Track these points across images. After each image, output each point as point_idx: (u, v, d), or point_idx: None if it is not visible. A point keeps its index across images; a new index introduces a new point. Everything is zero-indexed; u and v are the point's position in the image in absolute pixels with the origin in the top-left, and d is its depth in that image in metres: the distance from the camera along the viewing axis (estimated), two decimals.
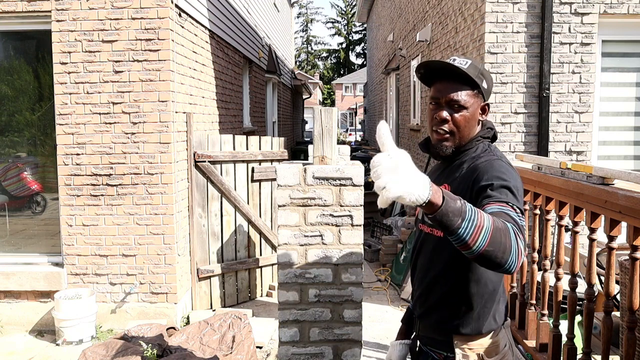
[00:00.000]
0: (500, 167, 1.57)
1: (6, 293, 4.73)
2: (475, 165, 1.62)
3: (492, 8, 4.48)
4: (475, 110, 1.70)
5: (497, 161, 1.60)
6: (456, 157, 1.72)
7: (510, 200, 1.44)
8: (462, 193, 1.56)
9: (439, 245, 1.68)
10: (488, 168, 1.57)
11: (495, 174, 1.53)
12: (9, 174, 5.01)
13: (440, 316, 1.69)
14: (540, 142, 4.51)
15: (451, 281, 1.66)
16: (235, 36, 7.48)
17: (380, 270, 6.48)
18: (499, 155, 1.66)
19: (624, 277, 2.81)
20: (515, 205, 1.43)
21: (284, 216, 2.39)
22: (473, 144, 1.71)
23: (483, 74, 1.70)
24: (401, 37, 10.17)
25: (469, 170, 1.63)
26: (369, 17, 19.38)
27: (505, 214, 1.37)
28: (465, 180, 1.62)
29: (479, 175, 1.57)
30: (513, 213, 1.39)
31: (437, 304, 1.70)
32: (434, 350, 1.73)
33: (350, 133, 37.88)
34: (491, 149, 1.70)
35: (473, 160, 1.66)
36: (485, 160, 1.61)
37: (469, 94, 1.67)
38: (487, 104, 1.74)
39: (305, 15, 57.70)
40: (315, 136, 2.44)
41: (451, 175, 1.70)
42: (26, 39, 4.91)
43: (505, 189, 1.48)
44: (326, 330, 2.43)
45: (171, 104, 4.56)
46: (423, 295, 1.77)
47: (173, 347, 3.74)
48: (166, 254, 4.64)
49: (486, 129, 1.75)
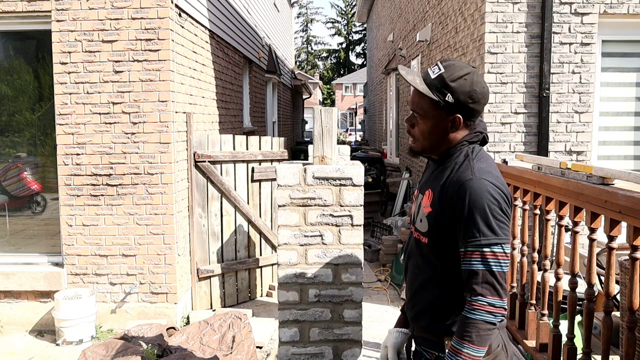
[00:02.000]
0: (472, 190, 1.55)
1: (6, 293, 4.73)
2: (452, 183, 1.61)
3: (492, 8, 4.48)
4: (437, 123, 1.67)
5: (469, 182, 1.56)
6: (445, 160, 1.71)
7: (480, 237, 1.53)
8: (442, 211, 1.63)
9: (426, 251, 1.70)
10: (460, 196, 1.57)
11: (465, 204, 1.55)
12: (9, 174, 5.01)
13: (429, 320, 1.72)
14: (540, 142, 4.51)
15: (439, 287, 1.69)
16: (235, 36, 7.48)
17: (380, 270, 6.48)
18: (475, 167, 1.60)
19: (624, 277, 2.81)
20: (485, 244, 1.53)
21: (284, 216, 2.39)
22: (457, 148, 1.69)
23: (449, 87, 1.61)
24: (401, 37, 10.17)
25: (448, 185, 1.62)
26: (369, 17, 19.38)
27: (474, 273, 1.54)
28: (443, 198, 1.63)
29: (454, 205, 1.59)
30: (479, 264, 1.53)
31: (425, 309, 1.73)
32: (427, 350, 1.75)
33: (350, 133, 37.87)
34: (472, 155, 1.65)
35: (452, 171, 1.65)
36: (459, 179, 1.59)
37: (430, 107, 1.66)
38: (458, 117, 1.65)
39: (305, 15, 57.71)
40: (315, 136, 2.44)
41: (436, 181, 1.70)
42: (26, 39, 4.91)
43: (474, 221, 1.54)
44: (326, 330, 2.43)
45: (171, 104, 4.56)
46: (413, 299, 1.80)
47: (173, 347, 3.74)
48: (166, 254, 4.64)
49: (474, 132, 1.70)
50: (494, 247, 1.53)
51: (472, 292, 1.54)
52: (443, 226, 1.63)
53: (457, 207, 1.57)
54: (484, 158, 1.66)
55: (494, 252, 1.53)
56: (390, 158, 12.20)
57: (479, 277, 1.53)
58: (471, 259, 1.54)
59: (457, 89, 1.62)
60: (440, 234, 1.65)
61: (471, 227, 1.54)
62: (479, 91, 1.63)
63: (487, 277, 1.52)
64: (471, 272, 1.54)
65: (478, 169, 1.59)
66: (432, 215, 1.66)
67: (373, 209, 9.63)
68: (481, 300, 1.52)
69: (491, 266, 1.52)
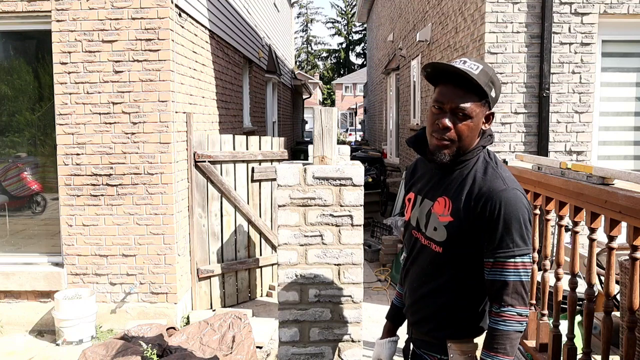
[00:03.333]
0: (507, 201, 1.53)
1: (6, 293, 4.73)
2: (484, 193, 1.57)
3: (492, 8, 4.48)
4: (479, 120, 1.62)
5: (503, 193, 1.54)
6: (455, 166, 1.66)
7: (514, 248, 1.53)
8: (469, 221, 1.59)
9: (438, 260, 1.68)
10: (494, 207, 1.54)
11: (500, 215, 1.53)
12: (9, 174, 5.01)
13: (434, 325, 1.72)
14: (540, 142, 4.51)
15: (449, 294, 1.68)
16: (235, 36, 7.48)
17: (380, 270, 6.48)
18: (505, 177, 1.59)
19: (624, 277, 2.80)
20: (518, 254, 1.54)
21: (284, 216, 2.39)
22: (474, 153, 1.65)
23: (493, 82, 1.61)
24: (401, 37, 10.17)
25: (478, 195, 1.58)
26: (369, 17, 19.38)
27: (505, 284, 1.54)
28: (471, 209, 1.59)
29: (487, 216, 1.55)
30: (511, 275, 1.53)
31: (432, 315, 1.72)
32: (428, 353, 1.75)
33: (350, 133, 37.86)
34: (494, 162, 1.65)
35: (476, 180, 1.61)
36: (492, 190, 1.56)
37: (475, 104, 1.58)
38: (492, 113, 1.66)
39: (305, 15, 57.72)
40: (315, 136, 2.44)
41: (452, 189, 1.65)
42: (26, 39, 4.91)
43: (509, 232, 1.54)
44: (326, 330, 2.43)
45: (171, 104, 4.56)
46: (416, 305, 1.78)
47: (173, 347, 3.74)
48: (166, 254, 4.64)
49: (487, 136, 1.68)
50: (524, 257, 1.54)
51: (502, 303, 1.53)
52: (466, 237, 1.60)
53: (490, 218, 1.54)
54: (503, 165, 1.67)
55: (524, 263, 1.54)
56: (390, 158, 12.21)
57: (510, 288, 1.53)
58: (503, 269, 1.54)
59: (497, 84, 1.63)
60: (461, 244, 1.62)
61: (505, 238, 1.53)
62: (500, 86, 1.67)
63: (518, 288, 1.53)
64: (502, 283, 1.54)
65: (508, 179, 1.58)
66: (455, 225, 1.61)
67: (373, 209, 9.63)
68: (511, 311, 1.52)
69: (521, 276, 1.53)
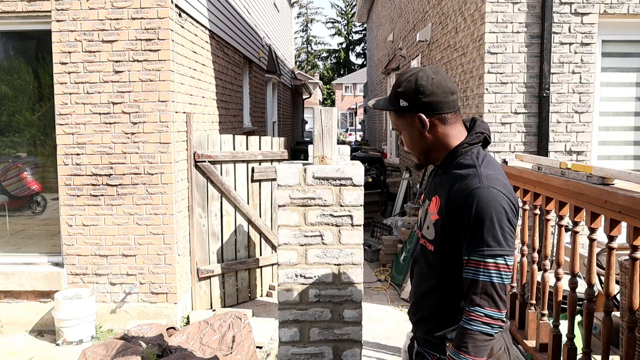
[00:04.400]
0: (479, 199, 1.53)
1: (6, 293, 4.73)
2: (460, 190, 1.59)
3: (492, 8, 4.48)
4: (411, 130, 1.70)
5: (476, 191, 1.54)
6: (448, 164, 1.69)
7: (484, 247, 1.52)
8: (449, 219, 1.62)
9: (432, 259, 1.70)
10: (467, 204, 1.55)
11: (472, 213, 1.54)
12: (9, 174, 5.01)
13: (432, 325, 1.73)
14: (540, 142, 4.51)
15: (443, 295, 1.69)
16: (235, 36, 7.48)
17: (380, 270, 6.48)
18: (482, 174, 1.58)
19: (624, 277, 2.81)
20: (488, 254, 1.52)
21: (284, 216, 2.39)
22: (459, 152, 1.66)
23: (400, 92, 1.65)
24: (401, 37, 10.17)
25: (455, 192, 1.60)
26: (369, 17, 19.38)
27: (474, 283, 1.53)
28: (450, 206, 1.61)
29: (461, 214, 1.57)
30: (480, 274, 1.52)
31: (429, 315, 1.74)
32: (429, 351, 1.76)
33: (350, 133, 37.87)
34: (478, 161, 1.62)
35: (458, 178, 1.62)
36: (467, 187, 1.57)
37: (396, 118, 1.73)
38: (420, 116, 1.65)
39: (305, 15, 57.71)
40: (315, 136, 2.44)
41: (442, 188, 1.68)
42: (26, 39, 4.91)
43: (480, 230, 1.52)
44: (326, 330, 2.43)
45: (171, 104, 4.56)
46: (416, 304, 1.81)
47: (173, 347, 3.74)
48: (166, 254, 4.64)
49: (475, 134, 1.67)
50: (497, 258, 1.52)
51: (470, 302, 1.54)
52: (449, 234, 1.62)
53: (464, 216, 1.55)
54: (491, 164, 1.63)
55: (497, 264, 1.52)
56: (390, 158, 12.21)
57: (479, 288, 1.52)
58: (473, 268, 1.54)
59: (404, 91, 1.65)
60: (446, 242, 1.64)
61: (476, 236, 1.53)
62: (426, 84, 1.62)
63: (487, 288, 1.52)
64: (471, 282, 1.54)
65: (486, 177, 1.57)
66: (439, 223, 1.64)
67: (373, 209, 9.63)
68: (478, 311, 1.52)
69: (492, 277, 1.52)
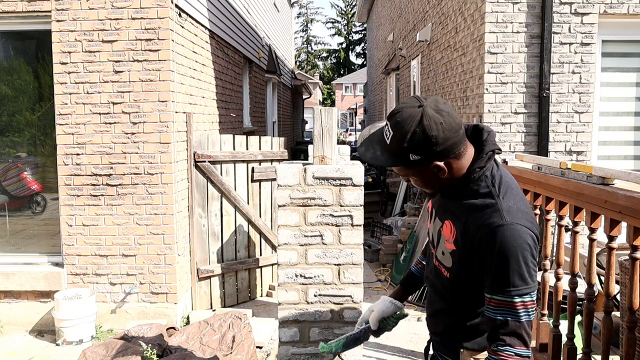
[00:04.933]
0: (504, 239, 1.43)
1: (6, 293, 4.73)
2: (480, 227, 1.48)
3: (492, 8, 4.48)
4: (424, 175, 1.53)
5: (500, 230, 1.44)
6: (460, 189, 1.56)
7: (512, 288, 1.44)
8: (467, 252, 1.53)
9: (447, 284, 1.67)
10: (490, 243, 1.45)
11: (495, 253, 1.44)
12: (9, 174, 5.01)
13: (446, 338, 1.74)
14: (540, 142, 4.51)
15: (456, 314, 1.68)
16: (235, 36, 7.48)
17: (380, 270, 6.48)
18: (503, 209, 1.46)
19: (624, 277, 2.81)
20: (516, 294, 1.44)
21: (284, 216, 2.39)
22: (472, 177, 1.53)
23: (408, 147, 1.45)
24: (401, 37, 10.17)
25: (475, 228, 1.50)
26: (369, 17, 19.38)
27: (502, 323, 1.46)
28: (468, 241, 1.52)
29: (483, 252, 1.47)
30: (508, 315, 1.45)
31: (445, 330, 1.75)
32: (442, 355, 1.78)
33: (350, 133, 37.85)
34: (496, 189, 1.51)
35: (475, 209, 1.51)
36: (488, 225, 1.46)
37: (405, 168, 1.53)
38: (436, 164, 1.48)
39: (305, 15, 57.72)
40: (315, 136, 2.44)
41: (457, 213, 1.58)
42: (26, 39, 4.91)
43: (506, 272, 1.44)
44: (326, 330, 2.43)
45: (171, 104, 4.56)
46: (432, 318, 1.81)
47: (173, 347, 3.74)
48: (166, 254, 4.64)
49: (486, 154, 1.53)
50: (524, 297, 1.44)
51: (499, 342, 1.47)
52: (467, 267, 1.56)
53: (486, 254, 1.46)
54: (509, 190, 1.51)
55: (524, 302, 1.45)
56: None
57: (508, 328, 1.46)
58: (500, 308, 1.46)
59: (414, 146, 1.45)
60: (462, 272, 1.59)
61: (502, 277, 1.44)
62: (437, 134, 1.43)
63: (517, 329, 1.45)
64: (500, 322, 1.47)
65: (507, 211, 1.46)
66: (456, 255, 1.58)
67: (373, 209, 9.63)
68: (509, 351, 1.46)
69: (520, 317, 1.45)
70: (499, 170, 1.55)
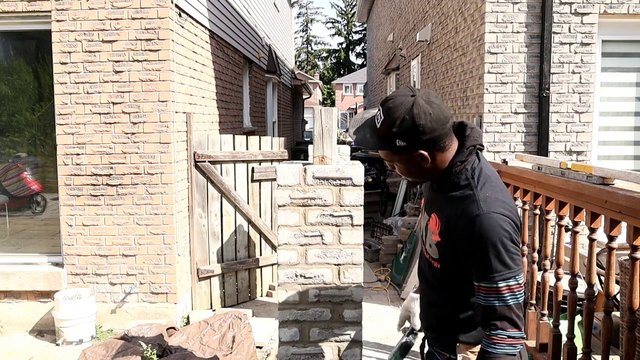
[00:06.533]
0: (481, 227, 1.49)
1: (6, 293, 4.73)
2: (459, 218, 1.55)
3: (492, 8, 4.48)
4: (408, 163, 1.60)
5: (477, 219, 1.50)
6: (444, 181, 1.64)
7: (494, 273, 1.50)
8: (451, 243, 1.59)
9: (438, 275, 1.71)
10: (469, 233, 1.51)
11: (475, 241, 1.50)
12: (9, 174, 5.01)
13: (440, 332, 1.77)
14: (540, 142, 4.51)
15: (448, 306, 1.72)
16: (235, 36, 7.48)
17: (380, 270, 6.48)
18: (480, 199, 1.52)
19: (624, 277, 2.81)
20: (499, 279, 1.50)
21: (284, 216, 2.39)
22: (452, 171, 1.60)
23: (396, 132, 1.52)
24: (401, 37, 10.17)
25: (455, 219, 1.57)
26: (369, 17, 19.38)
27: (491, 309, 1.52)
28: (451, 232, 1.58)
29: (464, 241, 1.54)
30: (495, 300, 1.51)
31: (438, 324, 1.78)
32: (439, 351, 1.79)
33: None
34: (474, 181, 1.57)
35: (455, 201, 1.58)
36: (466, 215, 1.53)
37: (392, 154, 1.60)
38: (421, 153, 1.56)
39: (305, 15, 57.70)
40: (315, 136, 2.44)
41: (440, 206, 1.65)
42: (26, 39, 4.91)
43: (487, 258, 1.50)
44: (326, 330, 2.43)
45: (171, 104, 4.56)
46: (426, 311, 1.85)
47: (173, 347, 3.74)
48: (166, 254, 4.64)
49: (466, 149, 1.60)
50: (509, 280, 1.50)
51: (491, 327, 1.53)
52: (452, 256, 1.62)
53: (468, 244, 1.53)
54: (487, 181, 1.57)
55: (510, 286, 1.50)
56: None
57: (497, 313, 1.52)
58: (487, 294, 1.52)
59: (402, 132, 1.52)
60: (450, 262, 1.64)
61: (484, 264, 1.51)
62: (425, 123, 1.50)
63: (505, 312, 1.51)
64: (488, 308, 1.53)
65: (484, 200, 1.52)
66: (442, 246, 1.64)
67: (373, 209, 9.63)
68: (501, 334, 1.51)
69: (507, 301, 1.51)
70: (479, 164, 1.62)
